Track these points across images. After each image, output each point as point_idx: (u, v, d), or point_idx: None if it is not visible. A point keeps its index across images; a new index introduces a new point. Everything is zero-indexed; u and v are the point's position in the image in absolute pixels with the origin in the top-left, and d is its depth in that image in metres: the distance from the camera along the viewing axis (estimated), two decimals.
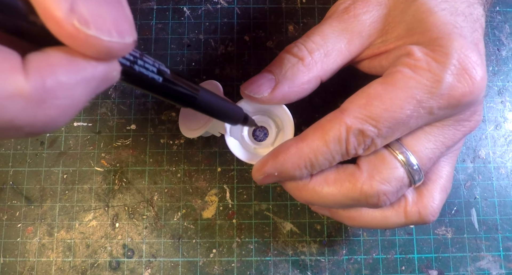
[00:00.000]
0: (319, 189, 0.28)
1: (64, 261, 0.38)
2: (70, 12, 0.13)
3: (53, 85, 0.14)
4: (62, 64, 0.14)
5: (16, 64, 0.13)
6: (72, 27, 0.14)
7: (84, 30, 0.14)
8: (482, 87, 0.25)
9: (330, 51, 0.29)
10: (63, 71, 0.14)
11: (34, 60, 0.14)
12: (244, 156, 0.32)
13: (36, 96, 0.14)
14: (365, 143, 0.26)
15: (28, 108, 0.14)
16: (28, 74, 0.13)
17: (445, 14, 0.26)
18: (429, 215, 0.29)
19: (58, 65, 0.14)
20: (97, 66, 0.15)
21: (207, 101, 0.25)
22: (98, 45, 0.14)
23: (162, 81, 0.20)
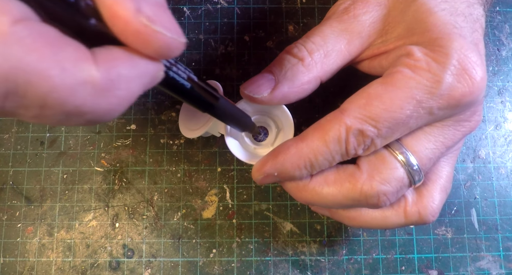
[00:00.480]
0: (319, 190, 0.28)
1: (64, 261, 0.38)
2: (137, 12, 0.15)
3: (117, 76, 0.16)
4: (123, 59, 0.16)
5: (88, 55, 0.15)
6: (140, 24, 0.15)
7: (152, 26, 0.16)
8: (482, 87, 0.25)
9: (330, 52, 0.29)
10: (125, 65, 0.16)
11: (101, 53, 0.15)
12: (244, 156, 0.32)
13: (103, 85, 0.15)
14: (365, 143, 0.26)
15: (95, 95, 0.15)
16: (98, 64, 0.15)
17: (445, 14, 0.26)
18: (429, 215, 0.29)
19: (120, 59, 0.16)
20: (150, 64, 0.17)
21: (224, 109, 0.27)
22: (161, 41, 0.16)
23: (189, 88, 0.22)
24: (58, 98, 0.14)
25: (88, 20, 0.15)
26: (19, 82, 0.13)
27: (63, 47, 0.14)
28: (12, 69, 0.13)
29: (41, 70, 0.13)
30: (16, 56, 0.13)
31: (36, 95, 0.14)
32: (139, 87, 0.17)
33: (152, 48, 0.16)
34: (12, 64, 0.13)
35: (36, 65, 0.13)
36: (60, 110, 0.15)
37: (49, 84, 0.14)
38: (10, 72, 0.13)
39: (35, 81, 0.13)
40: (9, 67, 0.13)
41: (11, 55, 0.13)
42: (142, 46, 0.16)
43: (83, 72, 0.14)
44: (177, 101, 0.41)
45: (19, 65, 0.13)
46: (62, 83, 0.14)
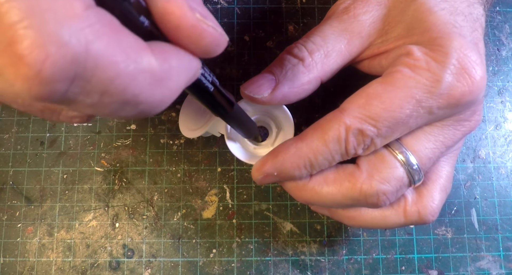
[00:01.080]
0: (319, 189, 0.28)
1: (64, 261, 0.38)
2: (192, 8, 0.16)
3: (170, 67, 0.16)
4: (174, 52, 0.17)
5: (146, 45, 0.15)
6: (196, 20, 0.16)
7: (206, 21, 0.16)
8: (481, 87, 0.25)
9: (330, 52, 0.29)
10: (176, 57, 0.16)
11: (155, 45, 0.16)
12: (244, 156, 0.32)
13: (159, 74, 0.16)
14: (365, 143, 0.26)
15: (152, 84, 0.15)
16: (155, 55, 0.15)
17: (444, 14, 0.26)
18: (429, 215, 0.29)
19: (172, 52, 0.16)
20: (194, 59, 0.18)
21: (236, 115, 0.27)
22: (211, 36, 0.17)
23: (212, 91, 0.23)
24: (120, 85, 0.14)
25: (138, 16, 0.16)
26: (87, 66, 0.13)
27: (127, 36, 0.15)
28: (84, 52, 0.13)
29: (109, 56, 0.13)
30: (87, 40, 0.13)
31: (101, 80, 0.14)
32: (186, 81, 0.18)
33: (202, 43, 0.17)
34: (84, 47, 0.13)
35: (105, 51, 0.13)
36: (119, 98, 0.15)
37: (114, 70, 0.14)
38: (81, 55, 0.13)
39: (102, 66, 0.13)
40: (82, 49, 0.13)
41: (83, 38, 0.13)
42: (193, 41, 0.17)
43: (144, 60, 0.15)
44: (177, 101, 0.41)
45: (90, 49, 0.13)
46: (125, 70, 0.14)
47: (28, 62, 0.12)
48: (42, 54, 0.12)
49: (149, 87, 0.15)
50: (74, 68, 0.13)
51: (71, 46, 0.12)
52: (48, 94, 0.13)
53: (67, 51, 0.12)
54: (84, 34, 0.13)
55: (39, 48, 0.12)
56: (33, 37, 0.12)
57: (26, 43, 0.12)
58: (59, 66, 0.12)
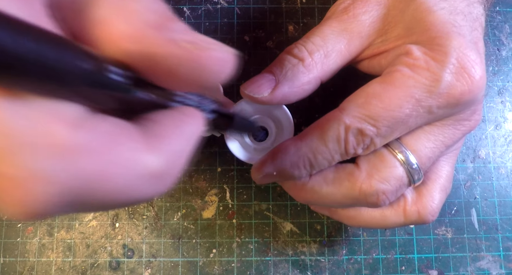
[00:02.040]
0: (318, 189, 0.28)
1: (64, 261, 0.38)
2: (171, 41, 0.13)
3: (173, 156, 0.14)
4: (173, 130, 0.14)
5: (142, 142, 0.13)
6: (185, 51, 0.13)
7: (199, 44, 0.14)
8: (481, 86, 0.25)
9: (330, 52, 0.29)
10: (178, 142, 0.14)
11: (154, 135, 0.14)
12: (244, 156, 0.32)
13: (160, 174, 0.14)
14: (364, 142, 0.26)
15: (150, 185, 0.14)
16: (154, 152, 0.13)
17: (444, 13, 0.26)
18: (429, 215, 0.29)
19: (172, 132, 0.14)
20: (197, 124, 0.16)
21: (236, 126, 0.27)
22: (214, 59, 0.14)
23: (211, 119, 0.22)
24: (117, 198, 0.13)
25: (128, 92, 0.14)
26: (83, 193, 0.12)
27: (123, 142, 0.13)
28: (77, 182, 0.11)
29: (107, 177, 0.12)
30: (81, 168, 0.11)
31: (97, 199, 0.13)
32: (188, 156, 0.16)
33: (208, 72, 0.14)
34: (77, 178, 0.11)
35: (102, 172, 0.12)
36: (115, 200, 0.13)
37: (113, 188, 0.12)
38: (74, 186, 0.11)
39: (99, 188, 0.12)
40: (74, 182, 0.11)
41: (76, 169, 0.11)
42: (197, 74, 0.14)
43: (142, 165, 0.13)
44: None
45: (84, 177, 0.12)
46: (124, 183, 0.13)
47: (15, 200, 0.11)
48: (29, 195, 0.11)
49: (150, 187, 0.14)
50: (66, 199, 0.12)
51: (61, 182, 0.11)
52: (37, 218, 0.12)
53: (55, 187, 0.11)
54: (76, 165, 0.11)
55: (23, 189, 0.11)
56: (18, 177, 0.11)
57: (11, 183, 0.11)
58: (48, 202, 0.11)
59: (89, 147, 0.12)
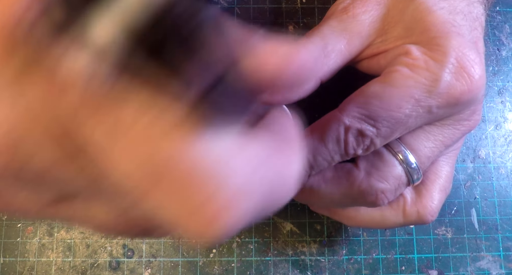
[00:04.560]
0: (317, 188, 0.28)
1: (64, 261, 0.38)
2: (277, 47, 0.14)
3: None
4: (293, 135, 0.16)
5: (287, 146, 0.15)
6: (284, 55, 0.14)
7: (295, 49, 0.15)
8: (480, 86, 0.25)
9: (330, 52, 0.29)
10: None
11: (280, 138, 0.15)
12: None
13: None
14: (364, 143, 0.26)
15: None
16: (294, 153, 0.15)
17: (443, 13, 0.26)
18: (428, 215, 0.29)
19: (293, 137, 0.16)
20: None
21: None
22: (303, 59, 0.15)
23: None
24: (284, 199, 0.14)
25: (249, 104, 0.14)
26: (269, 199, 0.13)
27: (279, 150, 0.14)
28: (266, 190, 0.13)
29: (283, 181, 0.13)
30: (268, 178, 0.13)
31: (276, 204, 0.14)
32: None
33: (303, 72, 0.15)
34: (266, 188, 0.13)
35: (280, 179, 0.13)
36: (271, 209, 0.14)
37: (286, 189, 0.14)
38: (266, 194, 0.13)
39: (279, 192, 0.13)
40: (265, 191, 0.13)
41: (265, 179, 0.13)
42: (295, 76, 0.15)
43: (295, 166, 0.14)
44: None
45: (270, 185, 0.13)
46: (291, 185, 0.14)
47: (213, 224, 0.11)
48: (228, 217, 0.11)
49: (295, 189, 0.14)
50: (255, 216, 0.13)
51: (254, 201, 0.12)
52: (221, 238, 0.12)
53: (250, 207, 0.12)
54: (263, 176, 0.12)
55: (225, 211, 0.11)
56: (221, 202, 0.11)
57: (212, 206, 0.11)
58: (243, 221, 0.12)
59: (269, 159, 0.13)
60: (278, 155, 0.14)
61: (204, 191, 0.11)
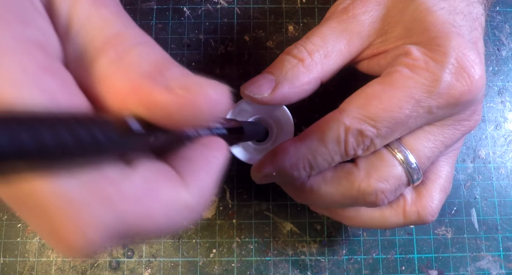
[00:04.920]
0: (317, 188, 0.28)
1: (64, 261, 0.38)
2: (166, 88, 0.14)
3: (205, 191, 0.16)
4: (204, 170, 0.16)
5: (177, 179, 0.15)
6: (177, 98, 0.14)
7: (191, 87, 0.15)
8: (480, 86, 0.25)
9: (330, 52, 0.29)
10: (207, 176, 0.16)
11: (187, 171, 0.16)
12: (244, 156, 0.32)
13: (194, 207, 0.15)
14: (364, 143, 0.26)
15: (186, 217, 0.15)
16: (188, 189, 0.15)
17: (443, 13, 0.26)
18: (428, 215, 0.29)
19: (202, 171, 0.16)
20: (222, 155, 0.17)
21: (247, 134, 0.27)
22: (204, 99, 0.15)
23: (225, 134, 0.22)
24: (158, 231, 0.15)
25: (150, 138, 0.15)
26: (129, 231, 0.14)
27: (163, 184, 0.15)
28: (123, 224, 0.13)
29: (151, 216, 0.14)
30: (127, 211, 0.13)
31: (142, 234, 0.14)
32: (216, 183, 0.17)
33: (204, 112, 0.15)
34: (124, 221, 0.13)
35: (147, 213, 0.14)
36: (155, 236, 0.15)
37: (155, 224, 0.14)
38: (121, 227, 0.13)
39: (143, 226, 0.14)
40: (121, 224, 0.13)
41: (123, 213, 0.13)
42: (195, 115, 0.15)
43: (180, 202, 0.15)
44: None
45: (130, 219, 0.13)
46: (165, 219, 0.14)
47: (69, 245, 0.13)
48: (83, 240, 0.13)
49: (182, 220, 0.15)
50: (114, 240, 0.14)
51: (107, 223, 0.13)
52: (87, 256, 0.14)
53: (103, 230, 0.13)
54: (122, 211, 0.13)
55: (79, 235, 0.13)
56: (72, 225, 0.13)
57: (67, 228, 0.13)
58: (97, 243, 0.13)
59: (134, 195, 0.14)
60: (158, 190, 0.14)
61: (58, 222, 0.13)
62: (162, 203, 0.14)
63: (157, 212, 0.14)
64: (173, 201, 0.15)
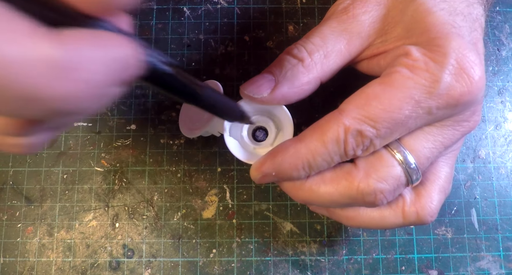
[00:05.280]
0: (316, 188, 0.28)
1: (64, 261, 0.38)
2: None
3: (79, 56, 0.14)
4: (90, 40, 0.15)
5: (45, 33, 0.14)
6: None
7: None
8: (480, 87, 0.25)
9: (330, 52, 0.29)
10: (90, 46, 0.15)
11: (65, 33, 0.14)
12: (244, 156, 0.32)
13: (61, 65, 0.14)
14: (364, 144, 0.26)
15: (52, 76, 0.13)
16: (58, 43, 0.14)
17: (443, 14, 0.26)
18: (427, 215, 0.29)
19: (86, 40, 0.15)
20: (122, 47, 0.16)
21: (209, 97, 0.25)
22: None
23: (172, 73, 0.20)
24: (8, 76, 0.13)
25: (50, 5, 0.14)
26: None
27: (14, 22, 0.13)
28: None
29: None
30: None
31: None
32: (108, 73, 0.16)
33: None
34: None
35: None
36: (13, 92, 0.13)
37: (5, 71, 0.13)
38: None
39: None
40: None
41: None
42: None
43: (37, 48, 0.13)
44: (177, 101, 0.41)
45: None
46: (12, 59, 0.13)
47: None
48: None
49: (48, 79, 0.14)
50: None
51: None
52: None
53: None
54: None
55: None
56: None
57: None
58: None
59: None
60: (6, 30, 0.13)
61: None
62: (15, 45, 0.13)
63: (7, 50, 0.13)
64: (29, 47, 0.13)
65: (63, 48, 0.14)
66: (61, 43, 0.14)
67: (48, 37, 0.14)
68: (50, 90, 0.14)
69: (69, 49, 0.14)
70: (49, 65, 0.13)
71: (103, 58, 0.15)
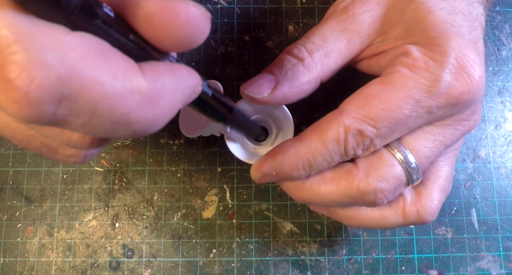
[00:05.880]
0: (316, 188, 0.28)
1: (64, 261, 0.38)
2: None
3: (162, 87, 0.16)
4: (167, 72, 0.17)
5: (136, 66, 0.15)
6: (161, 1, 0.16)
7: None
8: (480, 86, 0.25)
9: (330, 52, 0.29)
10: (168, 77, 0.16)
11: (147, 66, 0.16)
12: (244, 156, 0.32)
13: (150, 94, 0.15)
14: (364, 143, 0.26)
15: (141, 104, 0.15)
16: (145, 76, 0.15)
17: (443, 13, 0.26)
18: (428, 215, 0.29)
19: (165, 72, 0.16)
20: (193, 77, 0.18)
21: (237, 119, 0.27)
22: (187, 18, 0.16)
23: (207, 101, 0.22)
24: (107, 105, 0.14)
25: (127, 35, 0.16)
26: (73, 87, 0.13)
27: (114, 57, 0.15)
28: (68, 73, 0.13)
29: (94, 76, 0.14)
30: (71, 62, 0.13)
31: (88, 100, 0.14)
32: (181, 100, 0.18)
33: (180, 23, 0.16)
34: (68, 69, 0.13)
35: (90, 71, 0.14)
36: (109, 118, 0.15)
37: (101, 90, 0.14)
38: (66, 76, 0.13)
39: (87, 87, 0.14)
40: (66, 71, 0.13)
41: (67, 60, 0.13)
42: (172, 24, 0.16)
43: (132, 81, 0.15)
44: None
45: (74, 70, 0.13)
46: (112, 90, 0.14)
47: (16, 85, 0.13)
48: (28, 77, 0.13)
49: (138, 107, 0.15)
50: (59, 89, 0.13)
51: (55, 68, 0.13)
52: (37, 116, 0.13)
53: (50, 73, 0.13)
54: (68, 56, 0.13)
55: (25, 72, 0.12)
56: (20, 61, 0.12)
57: (13, 67, 0.12)
58: (44, 88, 0.13)
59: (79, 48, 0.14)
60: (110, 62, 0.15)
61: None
62: (110, 75, 0.14)
63: (104, 81, 0.14)
64: (122, 78, 0.15)
65: (151, 81, 0.16)
66: (148, 76, 0.16)
67: (139, 70, 0.15)
68: (141, 116, 0.16)
69: (155, 82, 0.16)
70: (141, 95, 0.15)
71: (180, 87, 0.17)
